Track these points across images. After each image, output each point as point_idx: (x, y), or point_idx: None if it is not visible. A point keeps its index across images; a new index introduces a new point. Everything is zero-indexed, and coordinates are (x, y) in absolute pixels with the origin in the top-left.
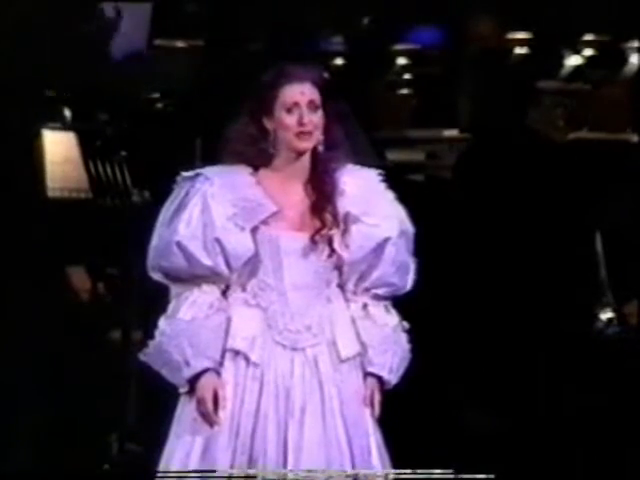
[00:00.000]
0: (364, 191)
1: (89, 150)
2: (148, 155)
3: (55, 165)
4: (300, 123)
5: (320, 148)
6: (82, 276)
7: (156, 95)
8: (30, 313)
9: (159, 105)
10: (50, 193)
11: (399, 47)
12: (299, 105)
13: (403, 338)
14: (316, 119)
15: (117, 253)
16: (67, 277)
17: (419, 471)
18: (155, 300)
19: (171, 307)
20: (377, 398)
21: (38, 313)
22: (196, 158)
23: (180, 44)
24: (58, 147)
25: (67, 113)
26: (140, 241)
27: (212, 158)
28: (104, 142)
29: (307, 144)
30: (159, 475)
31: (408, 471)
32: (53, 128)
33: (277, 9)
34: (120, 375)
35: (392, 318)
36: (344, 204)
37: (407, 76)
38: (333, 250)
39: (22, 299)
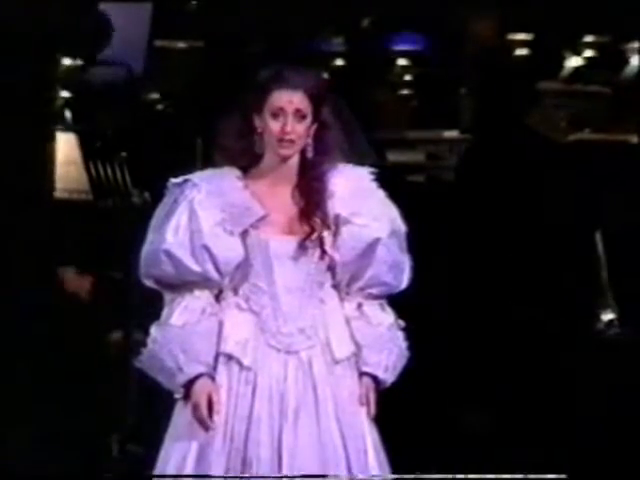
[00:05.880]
0: (354, 191)
1: (89, 151)
2: (148, 156)
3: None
4: (283, 130)
5: (309, 154)
6: (82, 277)
7: (156, 96)
8: (30, 314)
9: (159, 106)
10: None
11: (400, 48)
12: (285, 112)
13: (399, 337)
14: (301, 128)
15: (117, 254)
16: (67, 278)
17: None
18: (155, 301)
19: (164, 314)
20: (372, 397)
21: (38, 314)
22: (197, 159)
23: (180, 45)
24: (58, 148)
25: (67, 114)
26: (140, 242)
27: (213, 159)
28: (104, 143)
29: (288, 151)
30: (156, 477)
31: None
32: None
33: (277, 10)
34: (121, 376)
35: (387, 317)
36: (334, 206)
37: (407, 77)
38: (324, 252)
39: (22, 300)
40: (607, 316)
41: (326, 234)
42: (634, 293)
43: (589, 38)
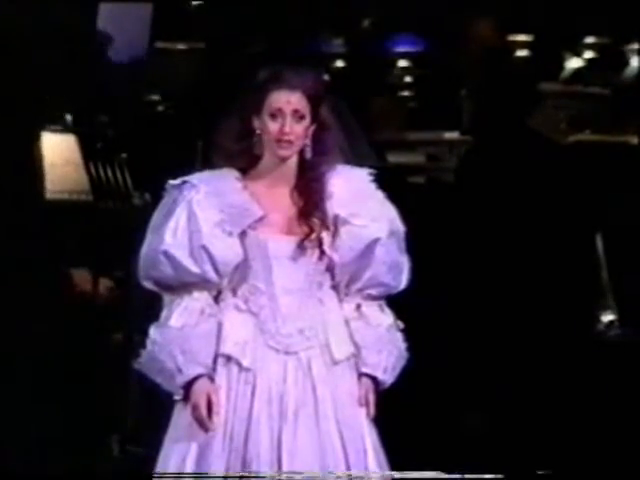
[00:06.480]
0: (353, 192)
1: (90, 152)
2: (149, 157)
3: (56, 167)
4: (281, 131)
5: (308, 155)
6: (83, 278)
7: (157, 97)
8: (31, 315)
9: (160, 107)
10: (50, 195)
11: (400, 49)
12: (283, 113)
13: (398, 337)
14: (299, 129)
15: (117, 255)
16: (67, 279)
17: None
18: (155, 302)
19: (163, 315)
20: (372, 398)
21: (39, 315)
22: (197, 160)
23: (181, 46)
24: (59, 149)
25: (68, 115)
26: (140, 244)
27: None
28: (105, 144)
29: (286, 152)
30: (157, 476)
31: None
32: (54, 130)
33: (278, 11)
34: (121, 376)
35: (386, 318)
36: (333, 207)
37: (408, 78)
38: (323, 252)
39: (23, 301)
40: (607, 317)
41: (325, 235)
42: (634, 294)
43: (589, 39)
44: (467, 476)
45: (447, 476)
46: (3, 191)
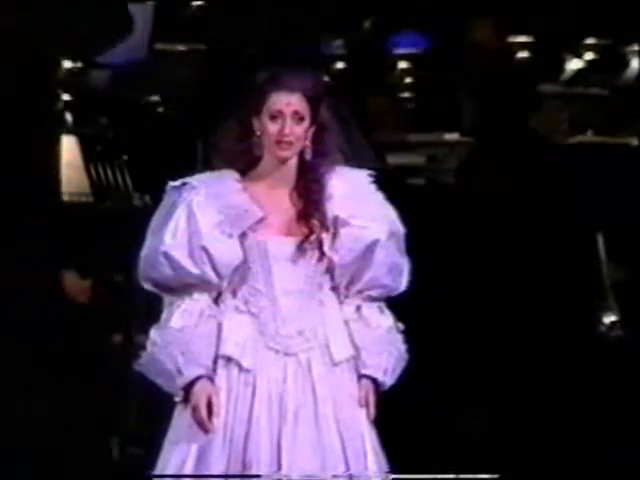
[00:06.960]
0: (352, 193)
1: (90, 154)
2: (149, 159)
3: None
4: (281, 132)
5: (307, 156)
6: (83, 279)
7: (157, 99)
8: (30, 316)
9: (160, 109)
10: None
11: (400, 51)
12: (283, 114)
13: (398, 339)
14: (299, 130)
15: (118, 257)
16: (68, 280)
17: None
18: (156, 303)
19: (163, 317)
20: (372, 400)
21: (38, 316)
22: (197, 162)
23: (181, 48)
24: (60, 151)
25: (68, 117)
26: (141, 245)
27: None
28: (105, 146)
29: (286, 153)
30: (156, 476)
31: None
32: None
33: (278, 12)
34: (121, 378)
35: (386, 319)
36: (332, 208)
37: (408, 80)
38: (323, 254)
39: (22, 302)
40: (609, 318)
41: (325, 236)
42: (635, 295)
43: (590, 40)
44: (468, 476)
45: (447, 476)
46: (3, 192)
